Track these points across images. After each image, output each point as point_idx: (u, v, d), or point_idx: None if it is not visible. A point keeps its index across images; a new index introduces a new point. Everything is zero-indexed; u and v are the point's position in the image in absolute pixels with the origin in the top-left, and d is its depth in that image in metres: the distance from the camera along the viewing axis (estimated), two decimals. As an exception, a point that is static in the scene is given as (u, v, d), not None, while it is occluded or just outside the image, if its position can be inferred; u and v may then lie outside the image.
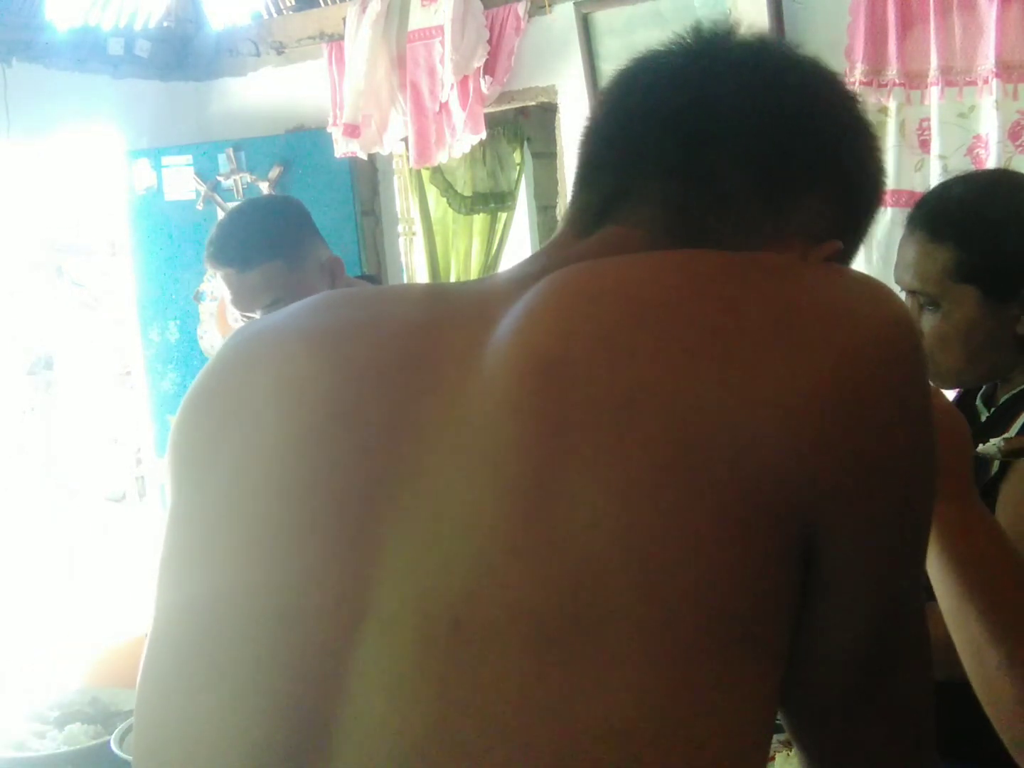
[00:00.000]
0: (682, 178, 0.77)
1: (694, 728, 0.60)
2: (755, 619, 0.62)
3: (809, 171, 0.78)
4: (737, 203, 0.77)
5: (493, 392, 0.66)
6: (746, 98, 0.77)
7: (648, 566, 0.60)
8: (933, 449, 0.68)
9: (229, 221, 1.95)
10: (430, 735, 0.60)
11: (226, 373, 0.78)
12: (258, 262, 1.85)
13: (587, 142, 0.83)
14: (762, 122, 0.77)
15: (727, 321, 0.65)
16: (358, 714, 0.62)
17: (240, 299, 1.88)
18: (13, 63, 3.68)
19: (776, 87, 0.77)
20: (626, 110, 0.81)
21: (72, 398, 3.96)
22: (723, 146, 0.76)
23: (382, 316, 0.76)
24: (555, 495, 0.62)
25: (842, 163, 0.79)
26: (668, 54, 0.80)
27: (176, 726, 0.68)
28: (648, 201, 0.77)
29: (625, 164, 0.79)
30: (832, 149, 0.79)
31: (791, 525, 0.63)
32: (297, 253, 1.89)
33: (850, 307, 0.66)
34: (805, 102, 0.78)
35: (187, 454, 0.76)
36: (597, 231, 0.78)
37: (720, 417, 0.62)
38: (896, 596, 0.69)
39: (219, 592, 0.69)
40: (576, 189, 0.82)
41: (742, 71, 0.78)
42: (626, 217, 0.77)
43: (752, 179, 0.77)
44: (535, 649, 0.60)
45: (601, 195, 0.79)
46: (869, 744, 0.72)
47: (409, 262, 4.16)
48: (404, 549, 0.64)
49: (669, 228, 0.76)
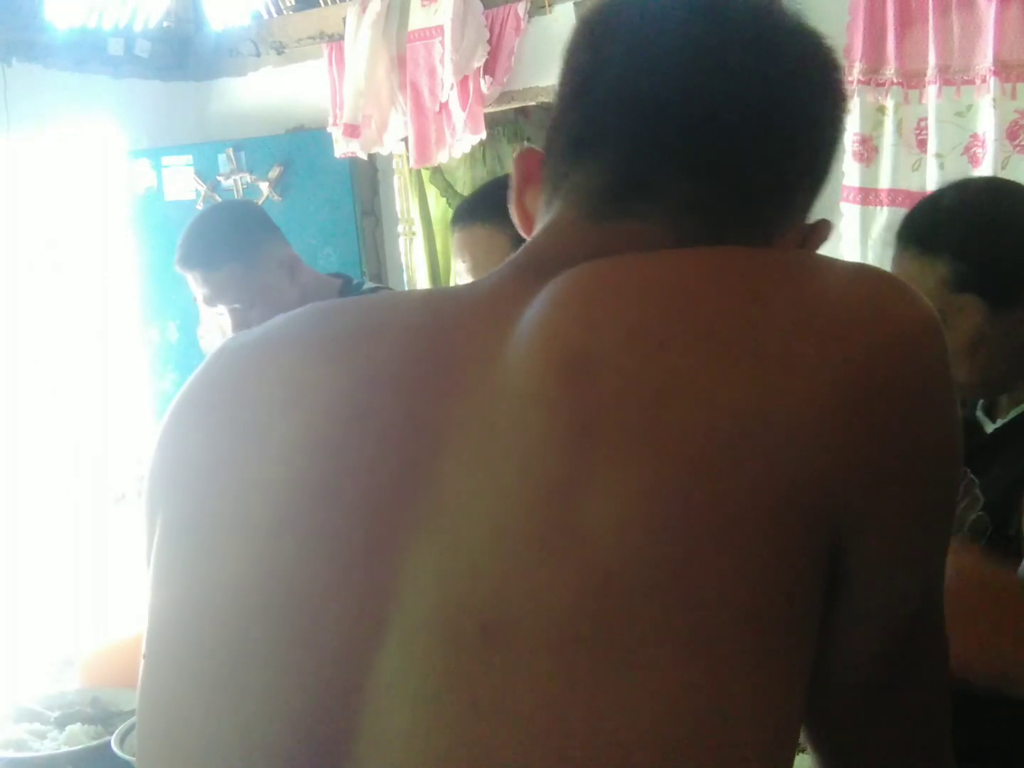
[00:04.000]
0: (705, 178, 0.74)
1: (727, 731, 0.59)
2: (786, 619, 0.61)
3: (812, 157, 0.77)
4: (758, 201, 0.75)
5: (518, 388, 0.64)
6: (759, 80, 0.74)
7: (680, 566, 0.59)
8: (960, 444, 0.67)
9: (191, 227, 2.17)
10: (457, 745, 0.58)
11: (218, 386, 0.76)
12: (219, 263, 2.08)
13: (582, 96, 0.77)
14: (776, 110, 0.74)
15: (758, 314, 0.64)
16: (381, 726, 0.60)
17: (206, 297, 2.13)
18: (13, 63, 3.69)
19: (783, 64, 0.75)
20: (635, 71, 0.75)
21: (72, 398, 3.96)
22: (744, 140, 0.74)
23: (389, 320, 0.74)
24: (585, 493, 0.60)
25: (834, 144, 0.79)
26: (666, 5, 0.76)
27: (192, 746, 0.66)
28: (670, 199, 0.73)
29: (638, 149, 0.74)
30: (829, 132, 0.78)
31: (823, 522, 0.62)
32: (255, 254, 2.12)
33: (879, 303, 0.65)
34: (809, 84, 0.76)
35: (179, 468, 0.74)
36: (615, 222, 0.74)
37: (753, 411, 0.61)
38: (921, 594, 0.68)
39: (233, 603, 0.67)
40: (571, 157, 0.76)
41: (749, 39, 0.74)
42: (647, 214, 0.73)
43: (768, 173, 0.75)
44: (566, 653, 0.58)
45: (614, 180, 0.74)
46: (887, 745, 0.71)
47: (409, 262, 4.16)
48: (427, 554, 0.62)
49: (693, 229, 0.73)
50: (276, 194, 3.91)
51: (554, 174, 0.77)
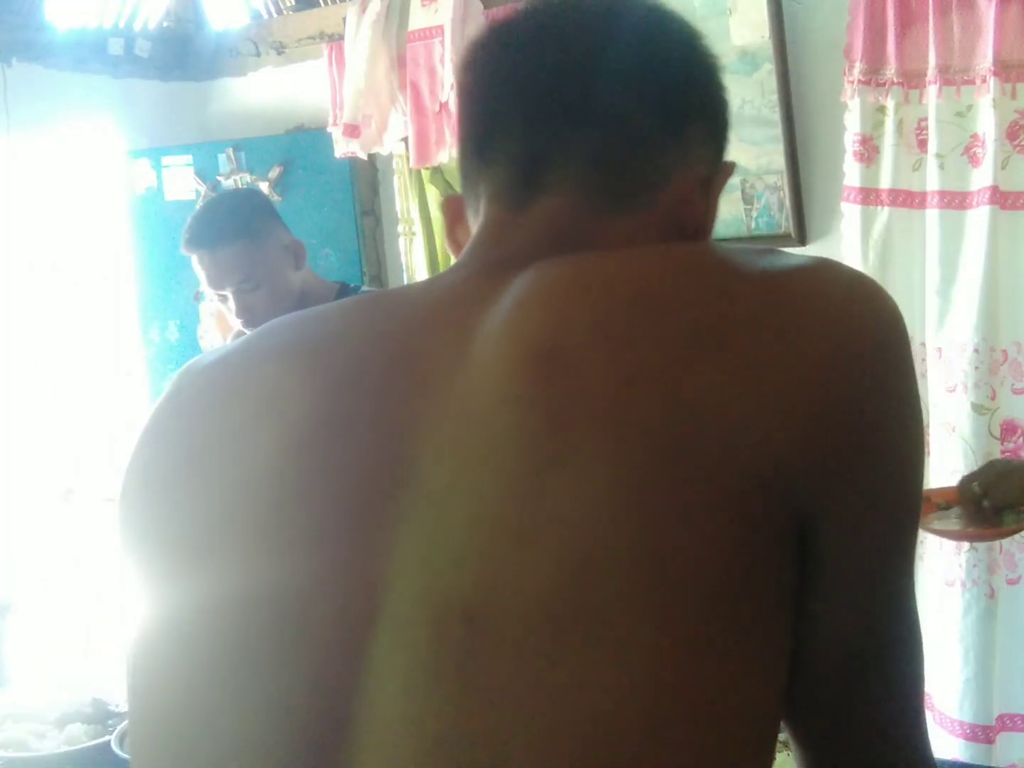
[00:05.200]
0: (598, 130, 0.78)
1: (706, 699, 0.62)
2: (756, 594, 0.64)
3: (694, 99, 0.82)
4: (652, 144, 0.79)
5: (488, 385, 0.66)
6: (627, 40, 0.79)
7: (649, 547, 0.62)
8: (922, 434, 0.70)
9: (199, 211, 2.25)
10: (451, 728, 0.61)
11: (193, 403, 0.77)
12: (226, 242, 2.13)
13: (473, 108, 0.83)
14: (650, 60, 0.80)
15: (722, 309, 0.66)
16: (375, 715, 0.62)
17: (212, 278, 2.17)
18: (13, 63, 3.68)
19: (643, 27, 0.81)
20: (511, 70, 0.81)
21: (72, 398, 3.96)
22: (626, 91, 0.78)
23: (352, 326, 0.76)
24: (557, 483, 0.63)
25: (711, 85, 0.84)
26: (526, 16, 0.82)
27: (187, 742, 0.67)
28: (572, 161, 0.78)
29: (536, 127, 0.79)
30: (701, 74, 0.83)
31: (786, 505, 0.64)
32: (260, 234, 2.19)
33: (842, 297, 0.68)
34: (670, 35, 0.82)
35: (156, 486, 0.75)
36: (532, 204, 0.78)
37: (718, 403, 0.63)
38: (892, 575, 0.71)
39: (224, 603, 0.69)
40: (478, 165, 0.81)
41: (605, 17, 0.80)
42: (557, 184, 0.78)
43: (657, 117, 0.79)
44: (547, 636, 0.61)
45: (521, 165, 0.79)
46: (866, 728, 0.73)
47: (409, 262, 4.16)
48: (410, 549, 0.64)
49: (600, 185, 0.77)
50: (276, 194, 3.91)
51: (474, 188, 0.82)
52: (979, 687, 2.75)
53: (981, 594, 2.76)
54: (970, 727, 2.77)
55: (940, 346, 2.79)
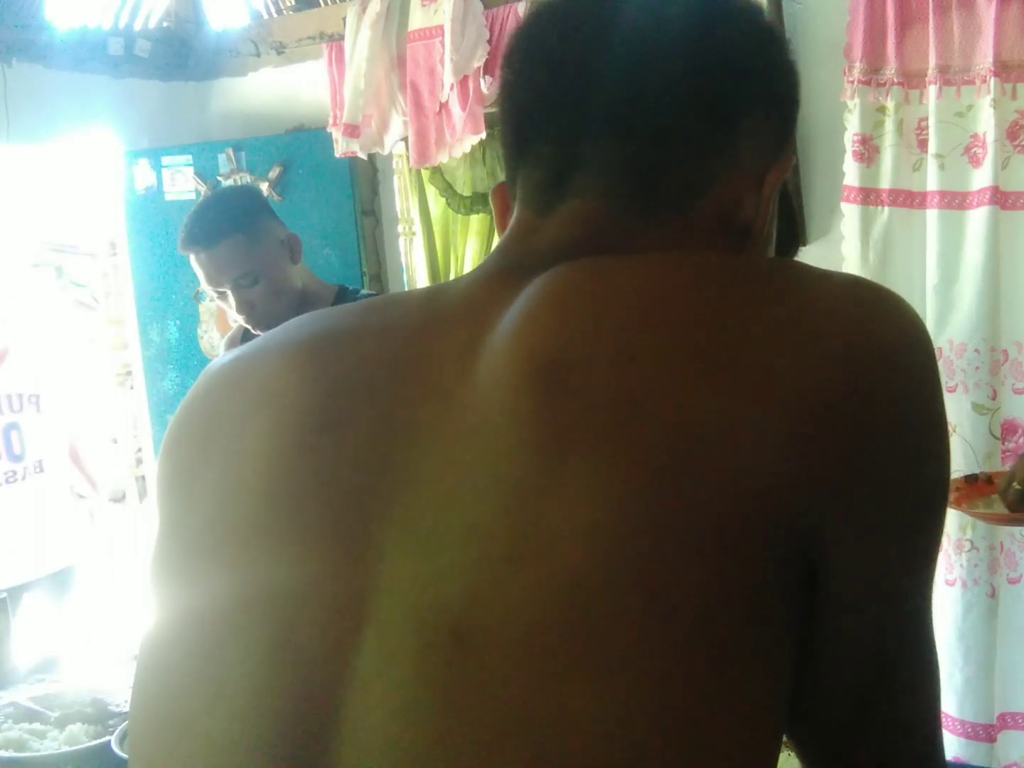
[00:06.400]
0: (634, 138, 0.74)
1: (699, 726, 0.59)
2: (757, 618, 0.62)
3: (750, 89, 0.76)
4: (695, 145, 0.75)
5: (491, 397, 0.65)
6: (671, 39, 0.75)
7: (647, 570, 0.60)
8: (947, 462, 0.66)
9: (194, 211, 2.25)
10: (433, 746, 0.59)
11: (208, 394, 0.78)
12: (221, 237, 2.15)
13: (511, 106, 0.80)
14: (694, 61, 0.74)
15: (735, 325, 0.64)
16: (359, 726, 0.61)
17: (210, 275, 2.18)
18: (13, 63, 3.68)
19: (690, 18, 0.75)
20: (550, 69, 0.77)
21: (71, 398, 3.96)
22: (665, 96, 0.74)
23: (364, 326, 0.75)
24: (555, 499, 0.61)
25: (772, 70, 0.78)
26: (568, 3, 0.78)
27: (174, 743, 0.67)
28: (604, 168, 0.74)
29: (569, 130, 0.76)
30: (759, 59, 0.77)
31: (792, 529, 0.62)
32: (254, 228, 2.20)
33: (860, 315, 0.64)
34: (722, 26, 0.76)
35: (171, 474, 0.76)
36: (558, 208, 0.75)
37: (724, 426, 0.61)
38: (906, 601, 0.68)
39: (216, 605, 0.68)
40: (515, 164, 0.79)
41: (652, 9, 0.76)
42: (586, 189, 0.75)
43: (703, 116, 0.74)
44: (535, 657, 0.59)
45: (552, 168, 0.76)
46: (876, 749, 0.71)
47: (409, 262, 4.16)
48: (401, 558, 0.63)
49: (632, 190, 0.74)
50: (276, 194, 3.91)
51: (512, 186, 0.80)
52: (980, 686, 2.76)
53: (982, 593, 2.76)
54: (971, 726, 2.77)
55: (940, 346, 2.79)
